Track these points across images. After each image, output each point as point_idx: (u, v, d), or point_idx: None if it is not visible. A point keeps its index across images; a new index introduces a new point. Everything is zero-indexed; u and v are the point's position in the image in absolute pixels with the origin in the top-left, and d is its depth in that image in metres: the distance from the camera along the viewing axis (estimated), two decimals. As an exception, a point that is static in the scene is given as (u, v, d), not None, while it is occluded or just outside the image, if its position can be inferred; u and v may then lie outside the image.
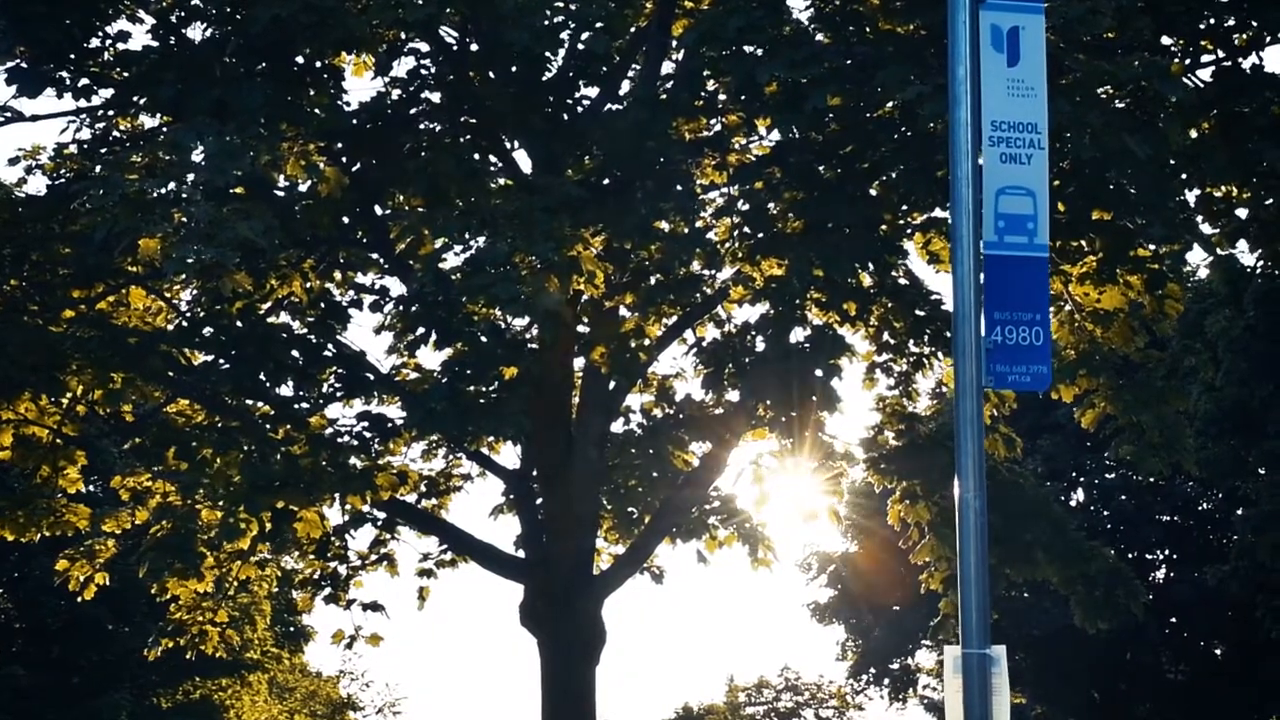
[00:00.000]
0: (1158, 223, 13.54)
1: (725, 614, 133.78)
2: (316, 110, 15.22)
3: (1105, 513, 50.96)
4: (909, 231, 16.84)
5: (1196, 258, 54.33)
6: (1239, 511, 49.50)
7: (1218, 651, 52.97)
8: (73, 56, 16.16)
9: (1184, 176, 14.96)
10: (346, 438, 16.72)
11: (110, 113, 16.81)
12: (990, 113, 8.94)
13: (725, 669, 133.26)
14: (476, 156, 17.08)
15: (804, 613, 60.73)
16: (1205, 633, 51.63)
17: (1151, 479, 49.37)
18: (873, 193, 15.87)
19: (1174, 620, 52.52)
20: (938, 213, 16.80)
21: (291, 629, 54.39)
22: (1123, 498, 51.36)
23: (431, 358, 23.54)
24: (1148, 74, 12.40)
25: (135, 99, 15.83)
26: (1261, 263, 38.91)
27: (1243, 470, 41.57)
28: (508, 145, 17.51)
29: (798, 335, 16.80)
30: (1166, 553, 52.85)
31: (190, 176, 13.94)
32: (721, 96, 16.26)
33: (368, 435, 16.86)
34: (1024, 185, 8.94)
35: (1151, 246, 14.81)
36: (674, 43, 17.77)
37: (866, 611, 57.43)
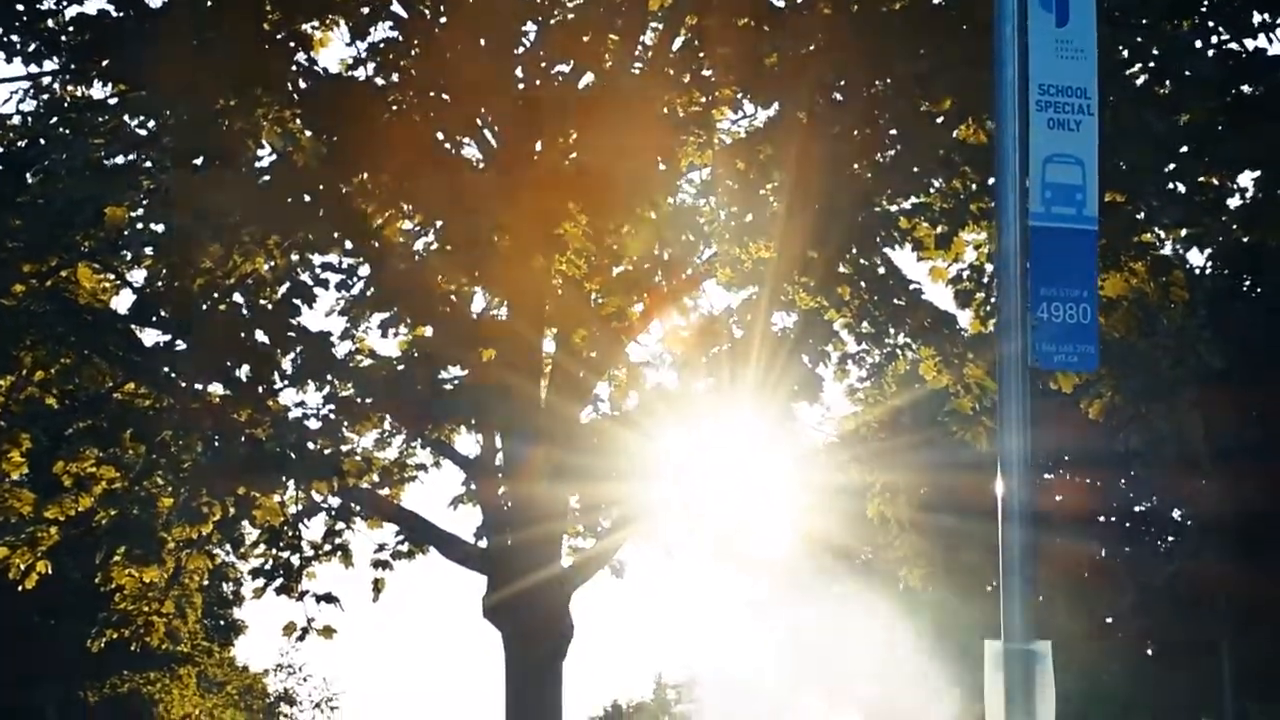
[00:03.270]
0: (1173, 206, 13.14)
1: (660, 608, 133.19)
2: (297, 82, 14.62)
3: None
4: (897, 216, 16.35)
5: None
6: (1175, 513, 49.58)
7: (1149, 651, 53.13)
8: (24, 19, 15.47)
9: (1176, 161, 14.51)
10: (313, 421, 16.07)
11: (66, 78, 16.10)
12: (1038, 75, 8.41)
13: (655, 664, 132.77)
14: (441, 135, 16.57)
15: (741, 609, 60.45)
16: (1140, 632, 51.80)
17: (1090, 480, 49.40)
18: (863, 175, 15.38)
19: (1109, 620, 52.64)
20: (923, 198, 16.37)
21: (221, 622, 53.72)
22: (1058, 498, 51.35)
23: (386, 343, 23.01)
24: (1171, 48, 12.00)
25: (97, 62, 15.11)
26: (1210, 264, 39.03)
27: (1192, 470, 41.61)
28: (480, 122, 16.96)
29: (780, 320, 16.35)
30: (1104, 554, 52.91)
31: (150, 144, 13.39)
32: (706, 71, 15.77)
33: (334, 418, 16.22)
34: (1072, 153, 8.41)
35: (1159, 232, 14.45)
36: (651, 20, 17.29)
37: (808, 608, 57.14)
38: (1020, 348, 8.28)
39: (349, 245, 17.21)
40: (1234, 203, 15.57)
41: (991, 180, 15.81)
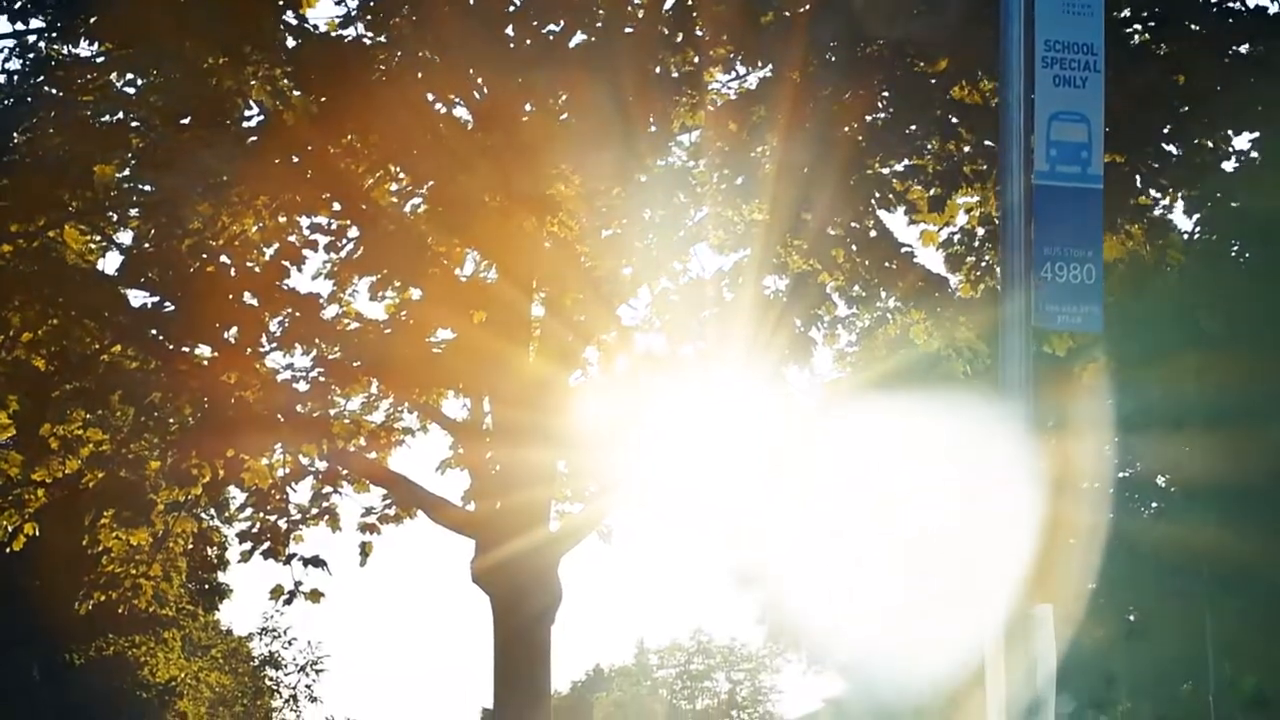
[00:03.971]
0: (1173, 167, 13.00)
1: (640, 575, 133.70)
2: (286, 41, 14.45)
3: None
4: (890, 178, 16.24)
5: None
6: (1159, 479, 49.60)
7: (1132, 618, 53.33)
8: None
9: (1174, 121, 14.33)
10: (301, 384, 15.95)
11: (52, 35, 15.91)
12: (1043, 31, 8.33)
13: (636, 630, 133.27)
14: (431, 96, 16.43)
15: (721, 576, 60.52)
16: (1124, 599, 51.99)
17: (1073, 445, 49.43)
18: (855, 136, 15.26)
19: (1091, 586, 52.76)
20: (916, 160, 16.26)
21: (206, 586, 53.64)
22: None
23: (372, 307, 22.92)
24: (1172, 4, 11.88)
25: (84, 19, 14.92)
26: (1199, 229, 38.95)
27: (1178, 436, 41.58)
28: (470, 82, 16.79)
29: (773, 284, 16.24)
30: (1088, 520, 52.98)
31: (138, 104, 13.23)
32: (699, 30, 15.63)
33: (323, 381, 16.10)
34: (1078, 110, 8.33)
35: (1155, 194, 14.36)
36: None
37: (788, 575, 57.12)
38: (1023, 308, 8.21)
39: (337, 207, 17.10)
40: (1228, 166, 15.50)
41: (988, 142, 15.79)
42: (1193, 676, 47.23)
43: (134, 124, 13.38)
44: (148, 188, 12.81)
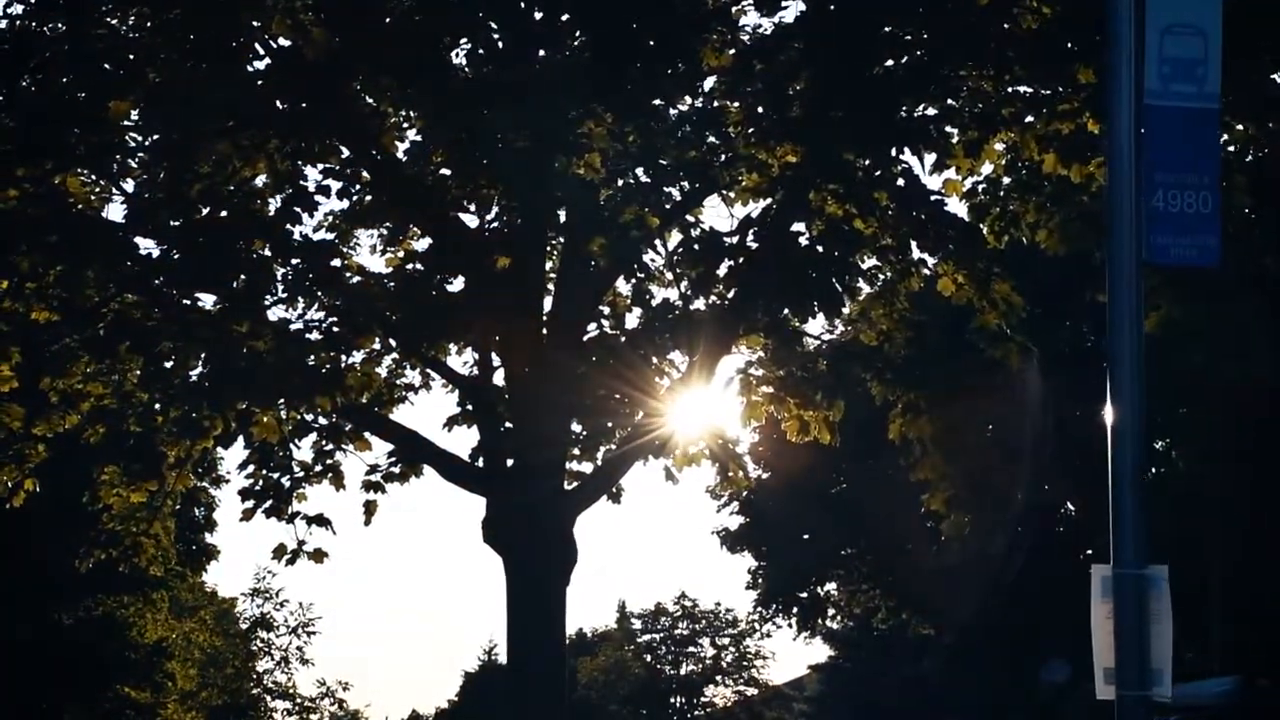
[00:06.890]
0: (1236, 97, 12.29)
1: (626, 538, 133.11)
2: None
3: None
4: (923, 122, 15.57)
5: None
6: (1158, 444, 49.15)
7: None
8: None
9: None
10: (315, 334, 15.25)
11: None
12: (1154, -60, 7.65)
13: (620, 594, 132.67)
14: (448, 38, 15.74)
15: (710, 540, 59.86)
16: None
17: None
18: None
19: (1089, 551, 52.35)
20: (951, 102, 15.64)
21: (194, 547, 53.02)
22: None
23: (373, 260, 22.10)
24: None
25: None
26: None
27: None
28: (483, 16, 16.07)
29: (804, 232, 15.59)
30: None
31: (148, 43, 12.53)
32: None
33: (336, 332, 15.41)
34: (1193, 23, 7.65)
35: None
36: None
37: (776, 540, 56.45)
38: (1134, 242, 7.54)
39: (347, 153, 16.39)
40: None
41: (1025, 89, 15.13)
42: (1193, 639, 46.79)
43: (145, 62, 12.65)
44: (157, 136, 12.07)
